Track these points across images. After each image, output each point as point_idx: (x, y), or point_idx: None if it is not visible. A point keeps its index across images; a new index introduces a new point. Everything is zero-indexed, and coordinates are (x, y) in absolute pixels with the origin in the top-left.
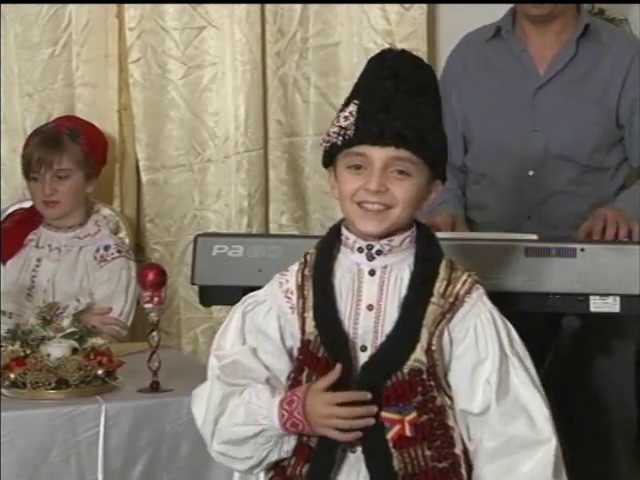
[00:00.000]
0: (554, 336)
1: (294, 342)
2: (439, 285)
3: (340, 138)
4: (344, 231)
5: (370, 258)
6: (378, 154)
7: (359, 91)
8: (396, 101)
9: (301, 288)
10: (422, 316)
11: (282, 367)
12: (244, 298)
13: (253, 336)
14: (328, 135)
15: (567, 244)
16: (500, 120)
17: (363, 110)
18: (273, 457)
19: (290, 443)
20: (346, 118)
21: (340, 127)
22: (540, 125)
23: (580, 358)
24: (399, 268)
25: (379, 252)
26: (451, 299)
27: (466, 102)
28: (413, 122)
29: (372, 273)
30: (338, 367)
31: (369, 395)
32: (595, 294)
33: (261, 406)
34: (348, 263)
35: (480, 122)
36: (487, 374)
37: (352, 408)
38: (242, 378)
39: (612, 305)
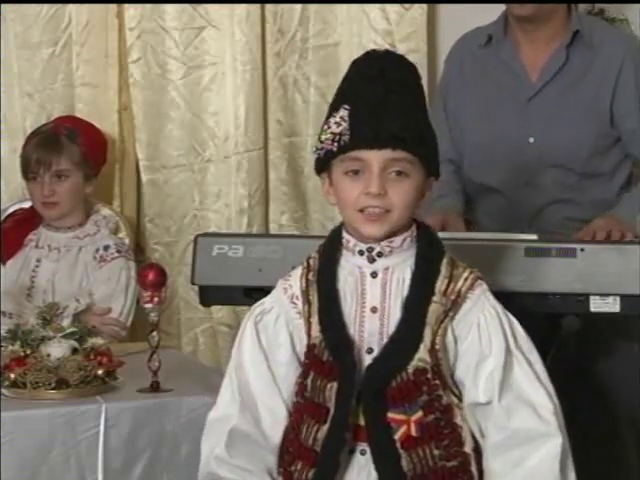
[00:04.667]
0: (554, 336)
1: (301, 347)
2: (440, 283)
3: (335, 144)
4: (345, 234)
5: (371, 260)
6: (375, 157)
7: (347, 95)
8: (388, 103)
9: (306, 293)
10: (424, 315)
11: (292, 377)
12: (252, 308)
13: (268, 350)
14: (321, 142)
15: (567, 244)
16: (494, 129)
17: (355, 114)
18: None
19: None
20: (338, 124)
21: (333, 133)
22: (534, 135)
23: (581, 358)
24: (401, 269)
25: (380, 254)
26: (453, 296)
27: (462, 107)
28: (407, 122)
29: (374, 275)
30: None
31: None
32: (595, 294)
33: None
34: (350, 266)
35: (474, 130)
36: (490, 369)
37: None
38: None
39: (612, 305)
